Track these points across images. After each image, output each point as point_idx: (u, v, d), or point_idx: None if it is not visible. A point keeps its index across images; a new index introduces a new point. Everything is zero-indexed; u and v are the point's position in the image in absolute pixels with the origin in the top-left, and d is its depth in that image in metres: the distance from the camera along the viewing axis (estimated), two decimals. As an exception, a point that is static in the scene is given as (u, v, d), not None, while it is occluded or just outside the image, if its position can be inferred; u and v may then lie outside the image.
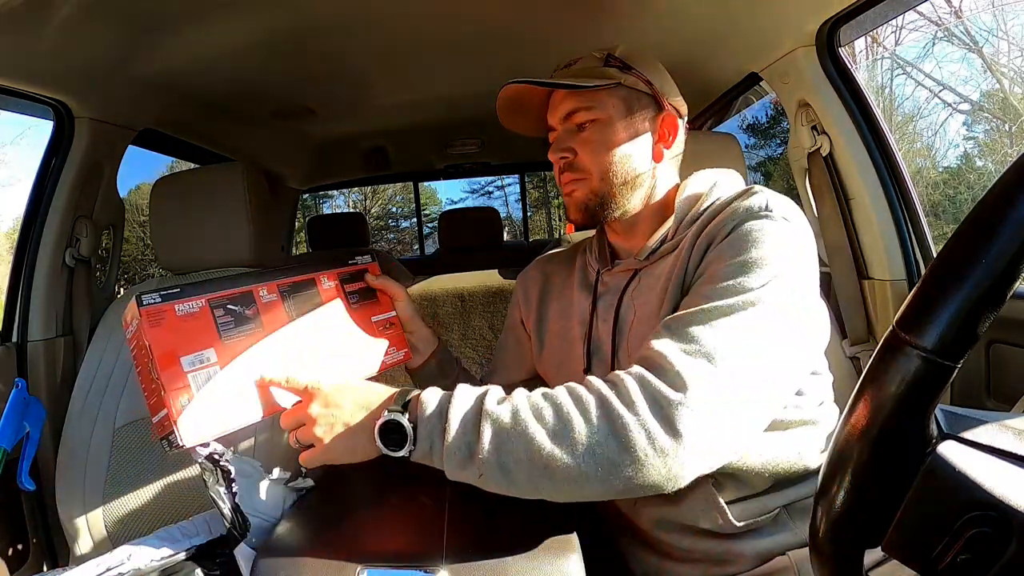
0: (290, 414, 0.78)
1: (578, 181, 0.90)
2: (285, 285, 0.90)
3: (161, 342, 0.76)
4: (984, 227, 0.35)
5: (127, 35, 1.22)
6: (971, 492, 0.37)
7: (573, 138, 0.89)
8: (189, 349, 0.78)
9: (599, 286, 0.94)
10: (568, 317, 0.98)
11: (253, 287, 0.86)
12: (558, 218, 12.88)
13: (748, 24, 1.38)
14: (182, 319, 0.79)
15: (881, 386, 0.38)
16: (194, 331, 0.79)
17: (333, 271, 0.97)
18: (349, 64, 1.57)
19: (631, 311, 0.88)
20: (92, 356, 1.31)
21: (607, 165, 0.87)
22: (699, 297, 0.73)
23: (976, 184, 6.83)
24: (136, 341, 0.79)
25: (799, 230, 0.76)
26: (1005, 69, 6.55)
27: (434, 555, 0.71)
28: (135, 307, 0.77)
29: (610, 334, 0.89)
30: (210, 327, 0.81)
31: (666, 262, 0.85)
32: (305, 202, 8.89)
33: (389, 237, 13.00)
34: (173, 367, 0.76)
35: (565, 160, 0.90)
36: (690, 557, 0.87)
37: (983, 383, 1.26)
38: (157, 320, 0.77)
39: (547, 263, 1.10)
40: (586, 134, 0.88)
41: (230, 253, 1.35)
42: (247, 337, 0.83)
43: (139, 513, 1.19)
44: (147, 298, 0.77)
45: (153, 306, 0.77)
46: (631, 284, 0.89)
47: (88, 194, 1.44)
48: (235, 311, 0.83)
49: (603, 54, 0.90)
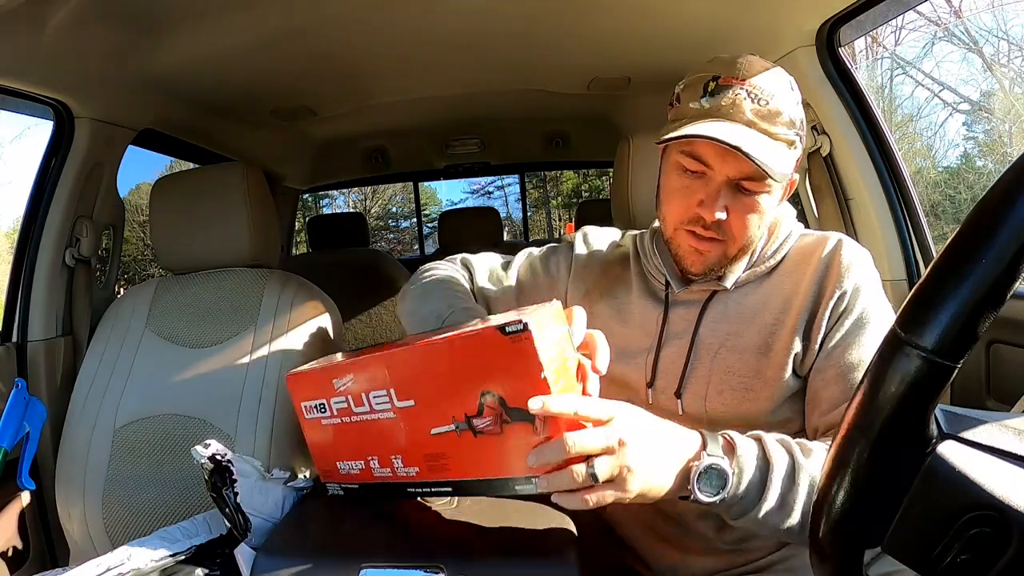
0: (592, 440, 0.62)
1: (716, 242, 0.84)
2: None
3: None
4: (984, 227, 0.35)
5: (127, 35, 1.22)
6: (971, 492, 0.37)
7: (731, 197, 0.81)
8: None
9: (669, 299, 0.92)
10: (624, 322, 0.95)
11: None
12: (558, 218, 12.88)
13: (748, 24, 1.38)
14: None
15: (881, 386, 0.38)
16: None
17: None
18: (349, 64, 1.57)
19: (715, 337, 0.87)
20: (92, 356, 1.31)
21: (752, 237, 0.84)
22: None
23: (976, 184, 6.83)
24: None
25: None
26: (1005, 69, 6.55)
27: (434, 554, 0.71)
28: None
29: (684, 355, 0.88)
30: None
31: (756, 297, 0.87)
32: (305, 202, 8.89)
33: (389, 237, 12.99)
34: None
35: (716, 221, 0.82)
36: (716, 548, 0.90)
37: (983, 383, 1.26)
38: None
39: (603, 252, 1.04)
40: (748, 200, 0.81)
41: (230, 253, 1.35)
42: None
43: (139, 513, 1.19)
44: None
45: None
46: (710, 307, 0.89)
47: (88, 194, 1.44)
48: None
49: (790, 94, 0.82)
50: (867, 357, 0.78)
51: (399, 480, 0.76)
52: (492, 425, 0.66)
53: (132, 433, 1.23)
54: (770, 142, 0.79)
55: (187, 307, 1.33)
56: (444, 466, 0.72)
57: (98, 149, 1.42)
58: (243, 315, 1.30)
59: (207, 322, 1.31)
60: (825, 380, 0.81)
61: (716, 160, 0.80)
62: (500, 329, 0.62)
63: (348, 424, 0.78)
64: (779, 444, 0.72)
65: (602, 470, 0.62)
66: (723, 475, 0.67)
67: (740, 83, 0.79)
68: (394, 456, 0.75)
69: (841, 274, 0.82)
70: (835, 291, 0.81)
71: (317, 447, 0.84)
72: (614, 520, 1.01)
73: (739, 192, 0.81)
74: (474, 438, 0.68)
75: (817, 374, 0.82)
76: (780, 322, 0.84)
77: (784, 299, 0.85)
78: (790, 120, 0.80)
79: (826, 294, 0.82)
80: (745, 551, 0.90)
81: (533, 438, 0.64)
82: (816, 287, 0.83)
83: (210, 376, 1.25)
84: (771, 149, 0.78)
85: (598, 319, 0.97)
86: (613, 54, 1.59)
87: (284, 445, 1.20)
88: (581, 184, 12.48)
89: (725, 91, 0.79)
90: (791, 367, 0.83)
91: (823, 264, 0.84)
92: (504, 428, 0.66)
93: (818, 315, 0.82)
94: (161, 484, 1.19)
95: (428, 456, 0.72)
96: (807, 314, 0.83)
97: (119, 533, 1.19)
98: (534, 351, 0.61)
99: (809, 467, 0.70)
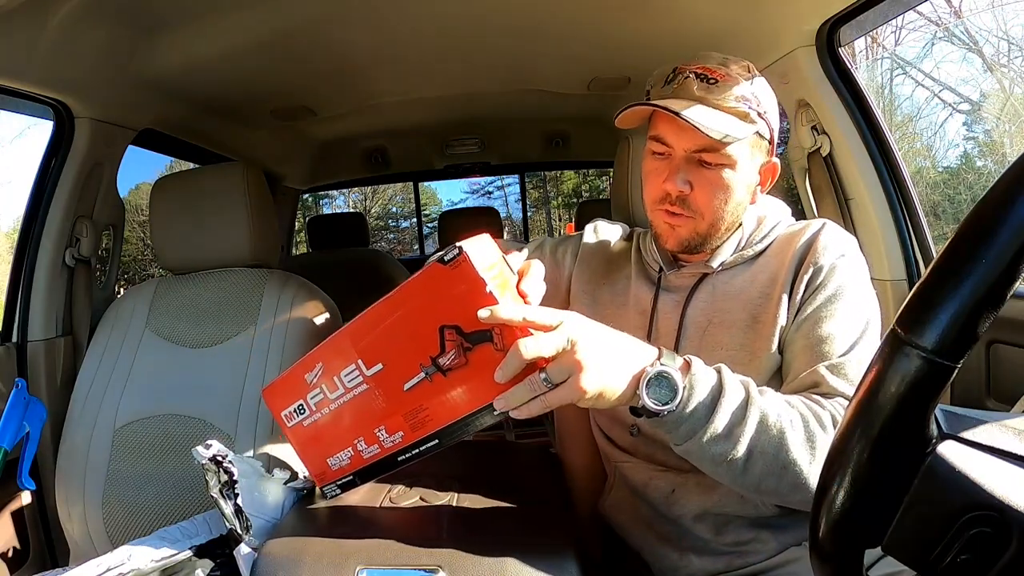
0: (544, 342, 0.64)
1: (684, 218, 0.88)
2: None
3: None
4: (984, 227, 0.35)
5: (127, 35, 1.22)
6: (971, 492, 0.37)
7: (694, 172, 0.86)
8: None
9: (661, 282, 0.97)
10: (621, 305, 1.00)
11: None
12: (557, 218, 12.87)
13: (748, 24, 1.38)
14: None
15: (881, 386, 0.38)
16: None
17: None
18: (348, 64, 1.57)
19: (703, 315, 0.91)
20: (92, 356, 1.31)
21: (719, 212, 0.87)
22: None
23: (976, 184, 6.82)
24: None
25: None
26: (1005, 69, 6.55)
27: (432, 554, 0.71)
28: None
29: (674, 331, 0.93)
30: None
31: (743, 277, 0.91)
32: (305, 202, 8.88)
33: (389, 237, 12.99)
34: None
35: (680, 194, 0.87)
36: (715, 550, 0.91)
37: (983, 383, 1.26)
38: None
39: (609, 244, 1.09)
40: (709, 174, 0.86)
41: (230, 253, 1.35)
42: None
43: (139, 513, 1.19)
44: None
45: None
46: (699, 288, 0.93)
47: (88, 194, 1.44)
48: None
49: (746, 76, 0.85)
50: (837, 332, 0.81)
51: (388, 452, 0.78)
52: (457, 358, 0.69)
53: (132, 433, 1.23)
54: (717, 113, 0.83)
55: (187, 307, 1.33)
56: (425, 419, 0.74)
57: (98, 149, 1.42)
58: (243, 315, 1.31)
59: (207, 322, 1.31)
60: (794, 352, 0.84)
61: (673, 137, 0.86)
62: (440, 260, 0.67)
63: (329, 415, 0.80)
64: (736, 378, 0.72)
65: (553, 372, 0.64)
66: (673, 386, 0.67)
67: (691, 68, 0.86)
68: (377, 429, 0.77)
69: (819, 251, 0.86)
70: (810, 266, 0.85)
71: (306, 453, 0.86)
72: (613, 521, 1.02)
73: (701, 167, 0.86)
74: (444, 378, 0.70)
75: (789, 345, 0.85)
76: (766, 296, 0.88)
77: (769, 276, 0.89)
78: (741, 95, 0.84)
79: (803, 267, 0.86)
80: (744, 553, 0.90)
81: (497, 356, 0.66)
82: (796, 262, 0.87)
83: (210, 376, 1.26)
84: (716, 117, 0.82)
85: (600, 303, 1.02)
86: (613, 54, 1.60)
87: (284, 445, 1.20)
88: (581, 184, 12.47)
89: (679, 76, 0.86)
90: (777, 340, 0.85)
91: (805, 243, 0.88)
92: (468, 357, 0.68)
93: (794, 288, 0.86)
94: (161, 484, 1.19)
95: (408, 414, 0.74)
96: (788, 288, 0.86)
97: (119, 533, 1.19)
98: (473, 269, 0.66)
99: (762, 404, 0.71)
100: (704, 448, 0.70)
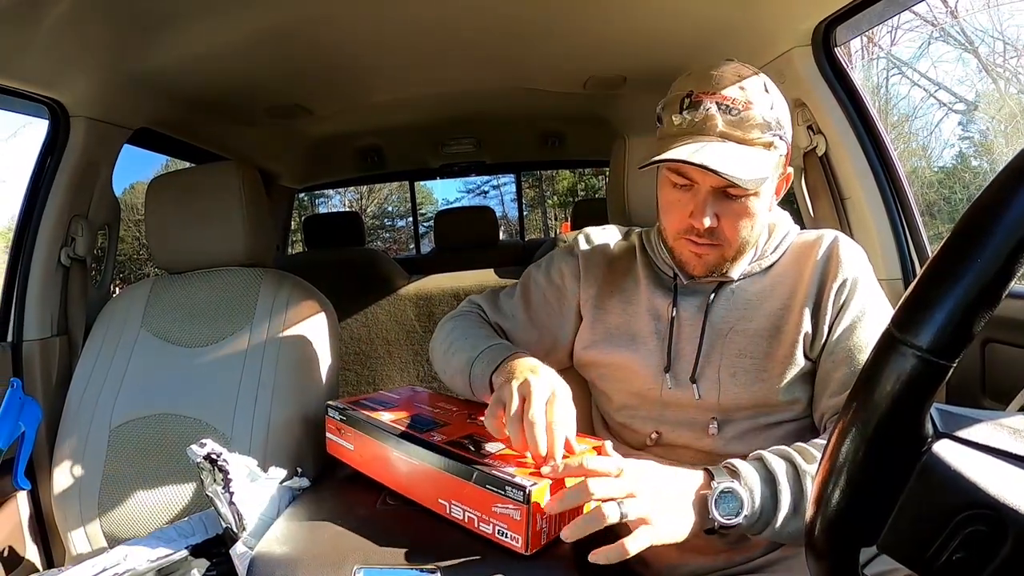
0: (611, 489, 0.69)
1: (711, 247, 0.89)
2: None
3: None
4: (979, 226, 0.35)
5: (122, 33, 1.21)
6: (966, 491, 0.37)
7: (720, 205, 0.85)
8: None
9: (678, 289, 0.96)
10: (633, 314, 0.99)
11: None
12: (554, 217, 12.89)
13: (743, 24, 1.38)
14: None
15: (876, 385, 0.38)
16: None
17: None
18: (344, 62, 1.57)
19: (724, 322, 0.93)
20: (88, 356, 1.31)
21: (747, 238, 0.89)
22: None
23: (971, 184, 6.85)
24: None
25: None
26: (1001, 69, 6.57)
27: (430, 554, 0.71)
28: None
29: (696, 338, 0.93)
30: None
31: (761, 285, 0.93)
32: (301, 202, 8.86)
33: (385, 236, 12.99)
34: None
35: (708, 228, 0.86)
36: (712, 548, 0.91)
37: (978, 382, 1.26)
38: None
39: (608, 248, 1.07)
40: (736, 206, 0.85)
41: (225, 252, 1.35)
42: None
43: (135, 513, 1.19)
44: None
45: None
46: (719, 296, 0.94)
47: (83, 193, 1.43)
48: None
49: (764, 95, 0.84)
50: (871, 340, 0.81)
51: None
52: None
53: (128, 433, 1.23)
54: (744, 149, 0.82)
55: (183, 306, 1.33)
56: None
57: (93, 148, 1.41)
58: (239, 314, 1.30)
59: (203, 321, 1.31)
60: (835, 362, 0.86)
61: (697, 174, 0.84)
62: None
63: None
64: (777, 456, 0.76)
65: (630, 509, 0.68)
66: (737, 496, 0.72)
67: (711, 97, 0.83)
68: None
69: (842, 264, 0.89)
70: (836, 279, 0.88)
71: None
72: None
73: (726, 199, 0.85)
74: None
75: (828, 356, 0.88)
76: (787, 307, 0.91)
77: (789, 287, 0.92)
78: (764, 122, 0.83)
79: (828, 281, 0.89)
80: (743, 549, 0.91)
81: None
82: (819, 276, 0.90)
83: (206, 375, 1.25)
84: (745, 156, 0.82)
85: (610, 313, 1.01)
86: (608, 53, 1.59)
87: (280, 444, 1.19)
88: (577, 183, 12.48)
89: (698, 107, 0.83)
90: (802, 347, 0.88)
91: (824, 256, 0.91)
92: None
93: (823, 301, 0.88)
94: (157, 483, 1.19)
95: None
96: (812, 300, 0.89)
97: (115, 533, 1.19)
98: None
99: (811, 471, 0.74)
100: (781, 531, 0.74)
